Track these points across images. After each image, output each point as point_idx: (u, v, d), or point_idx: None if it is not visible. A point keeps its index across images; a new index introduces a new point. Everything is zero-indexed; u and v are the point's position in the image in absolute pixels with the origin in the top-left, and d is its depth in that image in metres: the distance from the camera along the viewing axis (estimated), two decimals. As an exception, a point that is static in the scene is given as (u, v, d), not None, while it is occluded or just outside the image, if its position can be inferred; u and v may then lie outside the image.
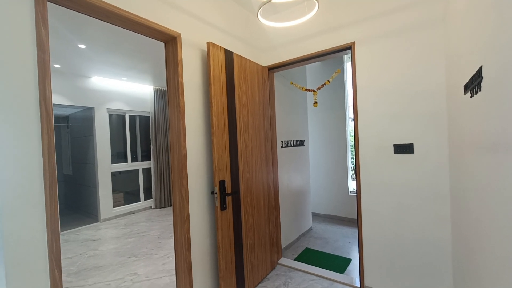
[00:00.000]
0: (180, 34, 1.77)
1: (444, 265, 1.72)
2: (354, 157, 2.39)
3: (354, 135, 2.04)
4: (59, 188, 4.47)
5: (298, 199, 3.21)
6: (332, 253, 2.84)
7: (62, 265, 2.90)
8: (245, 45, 2.41)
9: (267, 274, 2.46)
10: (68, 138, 5.70)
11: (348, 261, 2.65)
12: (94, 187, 4.60)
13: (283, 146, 2.89)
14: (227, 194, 1.94)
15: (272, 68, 2.55)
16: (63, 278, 2.60)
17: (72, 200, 5.50)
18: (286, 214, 2.93)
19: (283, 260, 2.69)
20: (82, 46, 3.09)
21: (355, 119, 2.04)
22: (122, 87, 4.80)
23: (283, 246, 2.86)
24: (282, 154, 2.86)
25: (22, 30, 1.09)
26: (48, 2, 1.18)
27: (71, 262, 2.96)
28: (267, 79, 2.53)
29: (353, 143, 4.03)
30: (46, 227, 1.15)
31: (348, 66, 3.86)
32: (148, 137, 5.39)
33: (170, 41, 1.80)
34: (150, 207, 5.28)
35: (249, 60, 2.29)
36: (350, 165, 3.94)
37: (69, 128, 5.63)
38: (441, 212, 1.72)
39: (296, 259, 2.72)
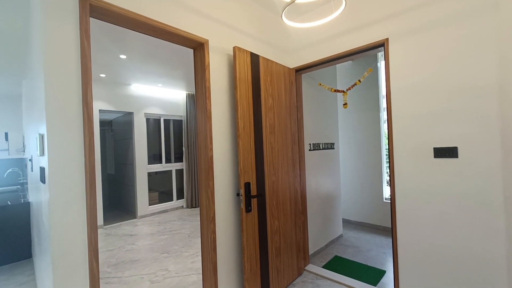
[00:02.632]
0: (208, 40, 1.83)
1: (497, 283, 1.50)
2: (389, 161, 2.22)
3: (388, 137, 1.90)
4: (103, 187, 4.91)
5: (327, 204, 3.09)
6: (364, 263, 2.67)
7: (104, 257, 3.16)
8: (271, 48, 2.41)
9: (293, 280, 2.39)
10: (111, 140, 6.26)
11: (382, 272, 2.46)
12: (132, 186, 4.97)
13: (311, 149, 2.81)
14: (252, 197, 1.94)
15: (299, 70, 2.51)
16: (104, 269, 2.83)
17: (114, 197, 6.01)
18: (314, 219, 2.84)
19: (310, 267, 2.60)
20: (123, 56, 3.37)
21: (389, 120, 1.90)
22: (157, 93, 5.14)
23: (310, 252, 2.77)
24: (310, 157, 2.78)
25: (68, 42, 1.22)
26: (90, 18, 1.31)
27: (111, 255, 3.22)
28: (294, 81, 2.49)
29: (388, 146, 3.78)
30: (86, 221, 1.26)
31: (382, 64, 3.63)
32: (181, 140, 5.66)
33: (198, 48, 1.87)
34: (182, 207, 5.53)
35: (275, 62, 2.28)
36: (385, 170, 3.68)
37: (113, 131, 6.18)
38: (493, 224, 1.51)
39: (324, 267, 2.60)
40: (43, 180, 1.31)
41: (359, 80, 2.44)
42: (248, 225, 1.93)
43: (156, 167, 5.22)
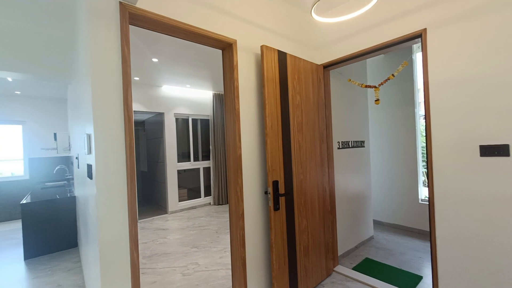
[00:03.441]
0: (236, 40, 1.86)
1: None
2: (426, 160, 2.09)
3: (426, 135, 1.77)
4: (137, 183, 5.25)
5: (357, 205, 2.99)
6: (398, 267, 2.54)
7: (139, 248, 3.38)
8: (299, 44, 2.38)
9: (322, 281, 2.35)
10: (144, 139, 6.65)
11: (418, 278, 2.32)
12: (163, 182, 5.23)
13: (340, 147, 2.73)
14: (280, 195, 1.94)
15: (328, 66, 2.45)
16: (139, 260, 3.03)
17: (147, 193, 6.38)
18: (343, 219, 2.76)
19: (339, 268, 2.54)
20: (155, 59, 3.55)
21: (427, 116, 1.78)
22: (186, 93, 5.34)
23: (339, 253, 2.70)
24: (339, 155, 2.71)
25: (110, 49, 1.32)
26: (129, 25, 1.40)
27: (146, 247, 3.43)
28: (322, 77, 2.44)
29: (425, 144, 3.53)
30: (127, 214, 1.36)
31: (418, 56, 3.40)
32: (208, 139, 5.83)
33: (227, 48, 1.91)
34: (209, 203, 5.70)
35: (303, 59, 2.24)
36: (421, 170, 3.45)
37: (145, 131, 6.56)
38: (553, 232, 1.35)
39: (354, 269, 2.52)
40: (90, 176, 1.44)
41: (393, 75, 2.31)
42: (276, 223, 1.94)
43: (185, 165, 5.43)
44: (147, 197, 6.33)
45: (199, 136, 5.78)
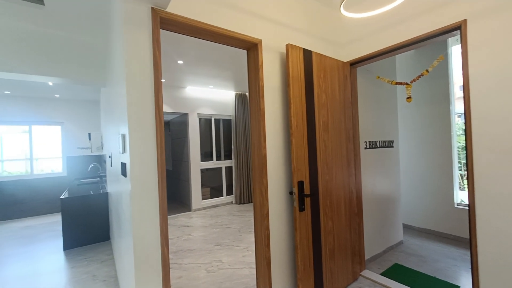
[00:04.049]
0: (261, 40, 1.86)
1: None
2: (465, 161, 1.94)
3: (466, 134, 1.65)
4: (163, 181, 5.46)
5: (385, 207, 2.85)
6: (431, 275, 2.39)
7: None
8: (324, 42, 2.32)
9: (348, 285, 2.28)
10: (169, 139, 6.90)
11: (454, 288, 2.17)
12: (187, 181, 5.39)
13: (367, 147, 2.63)
14: (305, 195, 1.91)
15: (354, 63, 2.36)
16: (167, 255, 3.15)
17: (172, 191, 6.61)
18: (370, 222, 2.65)
19: (366, 273, 2.44)
20: (180, 62, 3.67)
21: (467, 113, 1.65)
22: (209, 94, 5.45)
23: (366, 257, 2.60)
24: (366, 155, 2.60)
25: (143, 53, 1.38)
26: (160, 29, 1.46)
27: (171, 243, 3.55)
28: (348, 75, 2.36)
29: (461, 143, 3.27)
30: (158, 211, 1.41)
31: (453, 50, 3.17)
32: (230, 138, 5.91)
33: (252, 48, 1.92)
34: (231, 202, 5.77)
35: (329, 57, 2.19)
36: (457, 171, 3.22)
37: (170, 131, 6.81)
38: None
39: (383, 274, 2.41)
40: (124, 174, 1.52)
41: (427, 70, 2.17)
42: (301, 224, 1.91)
43: (208, 164, 5.55)
44: (172, 194, 6.56)
45: (221, 136, 5.88)
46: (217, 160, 5.70)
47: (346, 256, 2.27)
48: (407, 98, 2.23)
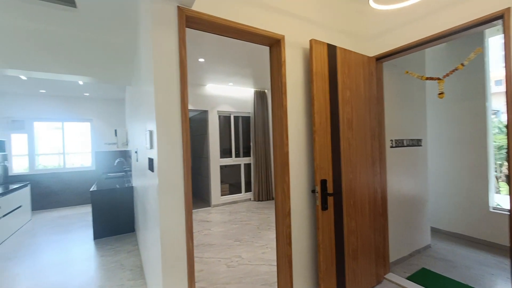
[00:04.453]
0: (284, 36, 1.83)
1: None
2: (505, 162, 1.79)
3: (508, 132, 1.52)
4: (184, 176, 5.62)
5: (411, 209, 2.73)
6: (463, 282, 2.25)
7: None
8: (349, 37, 2.25)
9: None
10: (190, 136, 7.06)
11: (489, 297, 2.03)
12: (207, 177, 5.50)
13: (393, 145, 2.52)
14: (328, 194, 1.87)
15: (380, 58, 2.26)
16: (188, 248, 3.24)
17: (192, 186, 6.78)
18: (396, 224, 2.55)
19: (391, 276, 2.36)
20: (201, 59, 3.73)
21: (509, 110, 1.52)
22: (228, 91, 5.50)
23: (391, 260, 2.50)
24: (392, 154, 2.50)
25: (170, 52, 1.41)
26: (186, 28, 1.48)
27: (193, 237, 3.65)
28: (374, 70, 2.26)
29: (497, 143, 3.04)
30: (184, 205, 1.45)
31: (491, 42, 2.94)
32: (249, 135, 5.93)
33: (275, 44, 1.90)
34: (249, 199, 5.81)
35: (354, 52, 2.11)
36: (493, 173, 2.99)
37: (190, 128, 6.97)
38: None
39: (409, 278, 2.32)
40: (151, 169, 1.58)
41: (463, 64, 2.02)
42: (324, 223, 1.87)
43: (227, 161, 5.62)
44: (192, 190, 6.72)
45: (240, 133, 5.92)
46: (236, 157, 5.75)
47: (370, 257, 2.20)
48: (439, 94, 2.10)
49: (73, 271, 2.79)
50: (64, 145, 6.01)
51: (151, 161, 1.58)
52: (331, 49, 1.95)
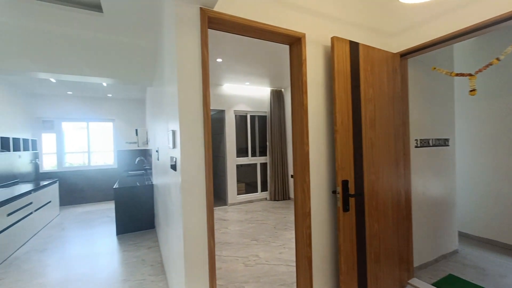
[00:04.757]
0: (305, 34, 1.80)
1: None
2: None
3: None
4: (201, 175, 5.71)
5: (438, 212, 2.60)
6: (494, 290, 2.12)
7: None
8: (371, 32, 2.17)
9: (395, 293, 2.14)
10: (206, 135, 7.17)
11: (525, 308, 1.89)
12: (223, 176, 5.56)
13: (418, 145, 2.41)
14: (350, 195, 1.82)
15: (405, 54, 2.17)
16: (206, 246, 3.29)
17: (208, 185, 6.88)
18: (420, 227, 2.44)
19: (415, 281, 2.26)
20: (219, 60, 3.76)
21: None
22: (245, 91, 5.52)
23: (415, 264, 2.40)
24: (417, 155, 2.39)
25: (193, 53, 1.43)
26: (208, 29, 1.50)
27: (210, 235, 3.70)
28: (398, 67, 2.18)
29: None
30: (205, 204, 1.47)
31: (527, 34, 2.72)
32: (265, 135, 5.92)
33: (295, 43, 1.87)
34: (265, 199, 5.81)
35: (377, 48, 2.04)
36: (529, 175, 2.79)
37: (207, 127, 7.07)
38: None
39: (434, 285, 2.21)
40: (174, 168, 1.61)
41: (498, 58, 1.89)
42: (345, 225, 1.83)
43: (243, 160, 5.65)
44: (209, 188, 6.83)
45: (256, 132, 5.92)
46: (252, 156, 5.77)
47: (393, 261, 2.12)
48: (471, 91, 1.98)
49: (98, 264, 2.92)
50: (89, 144, 6.31)
51: (173, 160, 1.61)
52: (353, 46, 1.89)
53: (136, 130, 5.44)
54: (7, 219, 3.16)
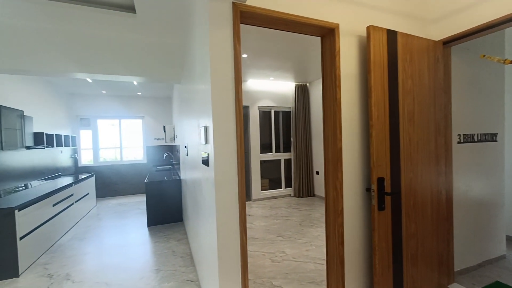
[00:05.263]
0: (338, 24, 1.72)
1: None
2: None
3: None
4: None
5: (482, 213, 2.39)
6: (551, 302, 1.91)
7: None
8: (410, 20, 2.02)
9: (433, 297, 2.01)
10: (229, 131, 7.25)
11: None
12: (247, 171, 5.59)
13: (462, 141, 2.22)
14: (386, 194, 1.73)
15: (449, 42, 1.99)
16: (233, 240, 3.34)
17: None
18: (462, 229, 2.26)
19: (456, 287, 2.11)
20: (244, 55, 3.75)
21: None
22: (269, 86, 5.47)
23: (456, 269, 2.24)
24: (460, 151, 2.21)
25: (225, 48, 1.43)
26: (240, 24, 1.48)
27: (236, 229, 3.75)
28: (440, 56, 2.01)
29: None
30: (238, 199, 1.47)
31: None
32: (289, 130, 5.84)
33: (327, 34, 1.80)
34: (289, 195, 5.76)
35: (416, 36, 1.89)
36: None
37: (230, 123, 7.15)
38: None
39: (479, 292, 2.05)
40: (206, 163, 1.64)
41: None
42: (380, 224, 1.75)
43: (267, 156, 5.63)
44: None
45: (280, 128, 5.87)
46: (276, 152, 5.73)
47: (432, 265, 2.00)
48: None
49: (132, 254, 3.09)
50: (121, 140, 6.68)
51: (206, 156, 1.64)
52: (391, 35, 1.78)
53: (164, 126, 5.64)
54: (52, 209, 3.45)
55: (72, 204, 4.19)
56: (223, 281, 1.44)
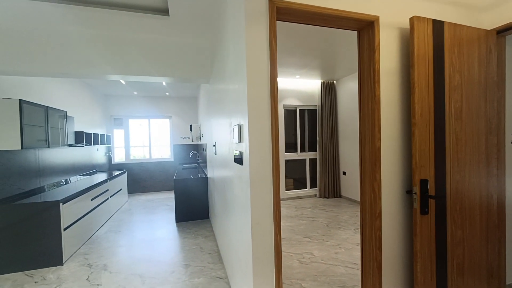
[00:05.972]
0: (378, 16, 1.63)
1: None
2: None
3: None
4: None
5: (539, 221, 2.14)
6: None
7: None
8: (459, 8, 1.86)
9: (482, 312, 1.84)
10: (253, 130, 7.27)
11: None
12: (272, 171, 5.55)
13: (516, 141, 2.00)
14: (429, 197, 1.61)
15: (504, 30, 1.80)
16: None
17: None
18: (515, 238, 2.05)
19: (508, 302, 1.91)
20: (271, 54, 3.72)
21: None
22: (295, 84, 5.39)
23: (508, 281, 2.03)
24: (514, 152, 2.00)
25: (261, 45, 1.41)
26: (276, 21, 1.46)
27: (262, 229, 3.74)
28: (493, 47, 1.82)
29: None
30: (272, 198, 1.45)
31: None
32: (314, 129, 5.71)
33: (365, 28, 1.71)
34: (315, 195, 5.63)
35: (466, 26, 1.73)
36: None
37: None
38: None
39: (537, 309, 1.84)
40: (239, 162, 1.63)
41: None
42: (423, 229, 1.63)
43: (292, 155, 5.56)
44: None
45: (306, 127, 5.76)
46: (301, 151, 5.63)
47: (480, 276, 1.82)
48: None
49: (162, 248, 3.20)
50: (150, 138, 6.98)
51: (240, 154, 1.63)
52: (437, 26, 1.64)
53: (191, 126, 5.79)
54: (90, 203, 3.69)
55: (108, 199, 4.45)
56: (258, 281, 1.43)
